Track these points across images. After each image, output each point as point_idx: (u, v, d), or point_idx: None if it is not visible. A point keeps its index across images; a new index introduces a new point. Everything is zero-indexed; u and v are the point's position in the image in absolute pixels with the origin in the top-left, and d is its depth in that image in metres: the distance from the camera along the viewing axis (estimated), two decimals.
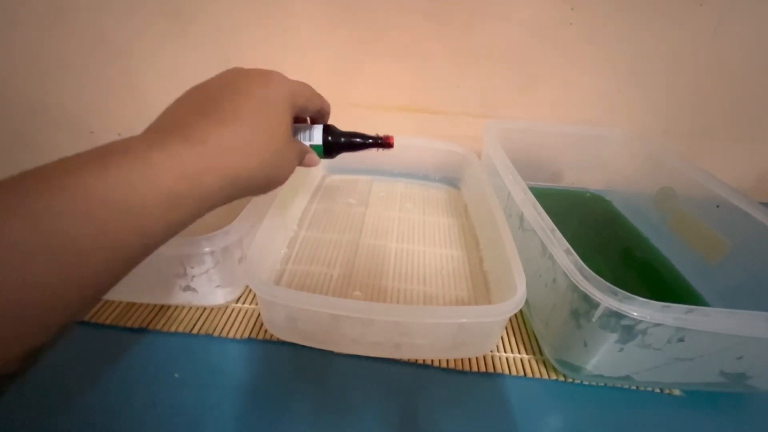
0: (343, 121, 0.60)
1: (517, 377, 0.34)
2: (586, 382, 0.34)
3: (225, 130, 0.20)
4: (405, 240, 0.47)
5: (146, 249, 0.17)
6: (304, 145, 0.29)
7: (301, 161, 0.28)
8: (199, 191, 0.18)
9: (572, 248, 0.31)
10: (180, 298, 0.37)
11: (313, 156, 0.29)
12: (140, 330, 0.36)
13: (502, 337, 0.37)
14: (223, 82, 0.23)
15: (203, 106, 0.21)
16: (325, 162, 0.31)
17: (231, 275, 0.36)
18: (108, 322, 0.36)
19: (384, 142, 0.32)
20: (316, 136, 0.29)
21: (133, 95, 0.61)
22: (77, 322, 0.36)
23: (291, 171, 0.25)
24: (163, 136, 0.18)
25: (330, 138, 0.30)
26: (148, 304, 0.38)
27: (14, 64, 0.59)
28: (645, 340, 0.28)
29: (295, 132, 0.29)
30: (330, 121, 0.32)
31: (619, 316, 0.27)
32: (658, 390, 0.34)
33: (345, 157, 0.60)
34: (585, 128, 0.55)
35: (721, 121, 0.59)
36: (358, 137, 0.31)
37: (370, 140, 0.32)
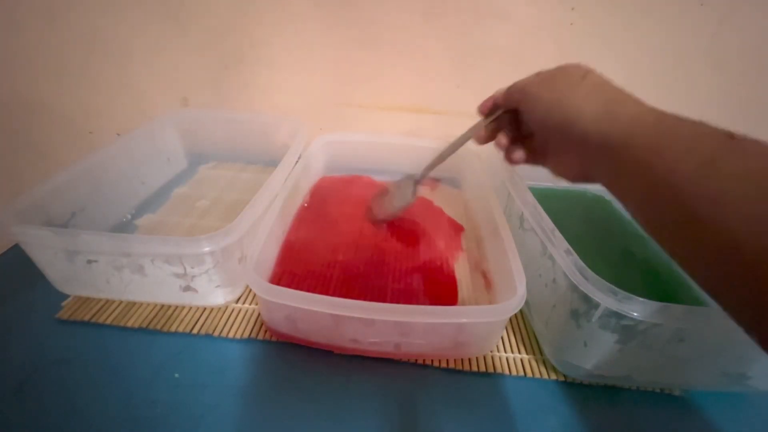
0: (343, 120, 0.61)
1: (517, 377, 0.34)
2: (586, 382, 0.34)
3: None
4: (405, 240, 0.47)
5: None
6: None
7: None
8: None
9: (572, 248, 0.31)
10: (180, 298, 0.37)
11: None
12: (140, 330, 0.36)
13: (502, 337, 0.37)
14: None
15: None
16: (324, 161, 0.31)
17: (231, 275, 0.36)
18: (108, 322, 0.36)
19: None
20: None
21: (132, 96, 0.61)
22: (77, 322, 0.36)
23: None
24: None
25: None
26: (148, 304, 0.38)
27: (13, 64, 0.59)
28: (645, 340, 0.28)
29: None
30: (329, 122, 0.32)
31: (619, 316, 0.27)
32: (658, 390, 0.34)
33: (345, 157, 0.60)
34: None
35: (721, 121, 0.58)
36: None
37: None
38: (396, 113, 0.61)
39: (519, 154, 0.31)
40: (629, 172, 0.21)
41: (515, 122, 0.31)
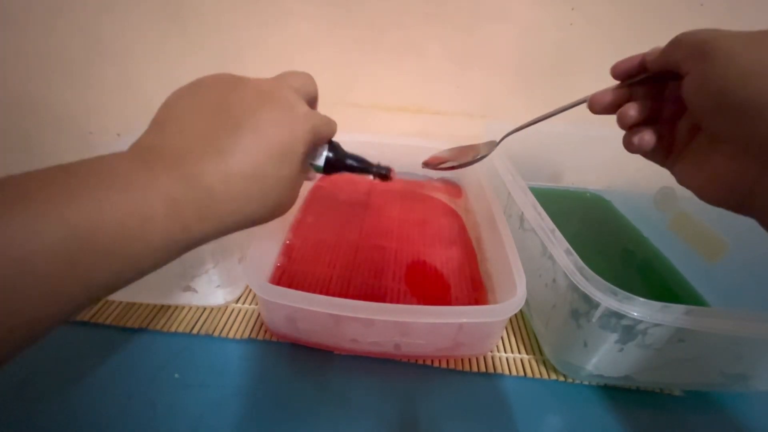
0: (342, 121, 0.60)
1: (517, 377, 0.34)
2: (586, 382, 0.34)
3: (235, 177, 0.17)
4: (405, 240, 0.47)
5: (92, 299, 0.15)
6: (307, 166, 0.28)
7: None
8: (188, 237, 0.17)
9: (572, 248, 0.31)
10: (180, 298, 0.37)
11: (313, 173, 0.29)
12: (140, 330, 0.36)
13: (502, 337, 0.37)
14: (242, 101, 0.19)
15: (215, 130, 0.18)
16: (323, 162, 0.31)
17: (231, 275, 0.36)
18: (108, 322, 0.36)
19: (383, 174, 0.32)
20: (320, 157, 0.29)
21: (132, 96, 0.61)
22: (77, 322, 0.36)
23: (294, 202, 0.23)
24: (153, 163, 0.16)
25: (332, 156, 0.29)
26: (148, 304, 0.38)
27: (14, 64, 0.59)
28: (645, 340, 0.28)
29: None
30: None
31: (619, 316, 0.27)
32: (658, 390, 0.34)
33: None
34: (585, 128, 0.55)
35: None
36: (360, 162, 0.31)
37: (373, 168, 0.32)
38: (396, 113, 0.61)
39: (648, 137, 0.23)
40: None
41: (658, 94, 0.23)
